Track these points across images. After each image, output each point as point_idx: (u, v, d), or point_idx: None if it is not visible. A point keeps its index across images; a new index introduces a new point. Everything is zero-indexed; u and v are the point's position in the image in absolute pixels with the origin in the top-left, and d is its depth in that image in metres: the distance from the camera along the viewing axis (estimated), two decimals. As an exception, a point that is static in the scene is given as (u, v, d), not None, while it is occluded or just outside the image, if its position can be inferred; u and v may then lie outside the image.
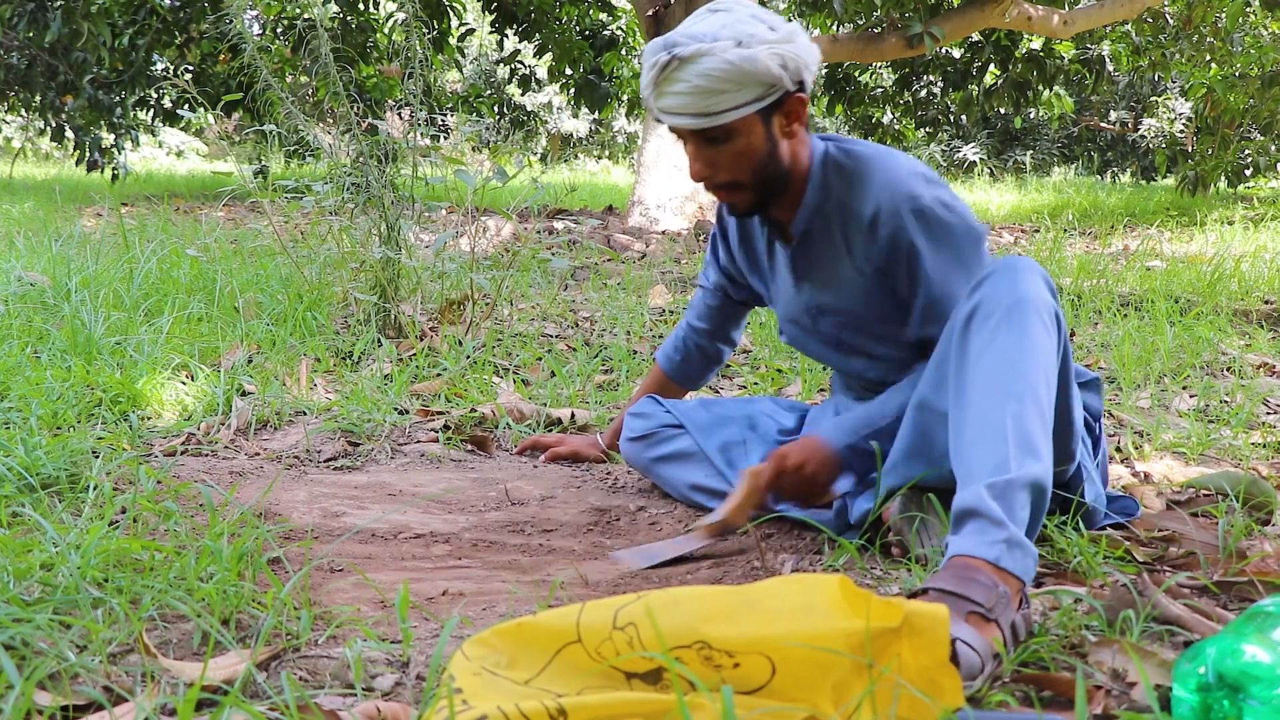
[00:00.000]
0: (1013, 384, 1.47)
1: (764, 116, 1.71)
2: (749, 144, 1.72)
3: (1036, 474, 1.42)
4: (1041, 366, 1.49)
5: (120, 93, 10.51)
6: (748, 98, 1.66)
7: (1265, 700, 1.04)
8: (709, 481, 2.01)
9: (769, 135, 1.73)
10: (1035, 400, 1.46)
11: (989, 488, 1.40)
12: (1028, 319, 1.51)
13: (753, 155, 1.73)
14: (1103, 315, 4.10)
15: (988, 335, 1.52)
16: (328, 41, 3.37)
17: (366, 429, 2.50)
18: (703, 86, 1.64)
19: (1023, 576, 1.35)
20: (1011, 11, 8.62)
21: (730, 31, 1.64)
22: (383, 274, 3.36)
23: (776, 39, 1.65)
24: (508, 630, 1.12)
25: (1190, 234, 7.96)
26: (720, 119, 1.67)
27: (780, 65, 1.65)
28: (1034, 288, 1.54)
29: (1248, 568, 1.58)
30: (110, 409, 2.46)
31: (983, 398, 1.48)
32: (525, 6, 10.48)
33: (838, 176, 1.80)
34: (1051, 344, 1.53)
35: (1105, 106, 19.90)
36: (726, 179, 1.76)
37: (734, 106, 1.67)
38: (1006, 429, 1.44)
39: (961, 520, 1.40)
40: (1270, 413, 2.74)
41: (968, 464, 1.46)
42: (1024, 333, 1.50)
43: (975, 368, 1.51)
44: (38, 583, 1.40)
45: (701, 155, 1.74)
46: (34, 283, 3.62)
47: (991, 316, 1.52)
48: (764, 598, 1.11)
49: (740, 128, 1.70)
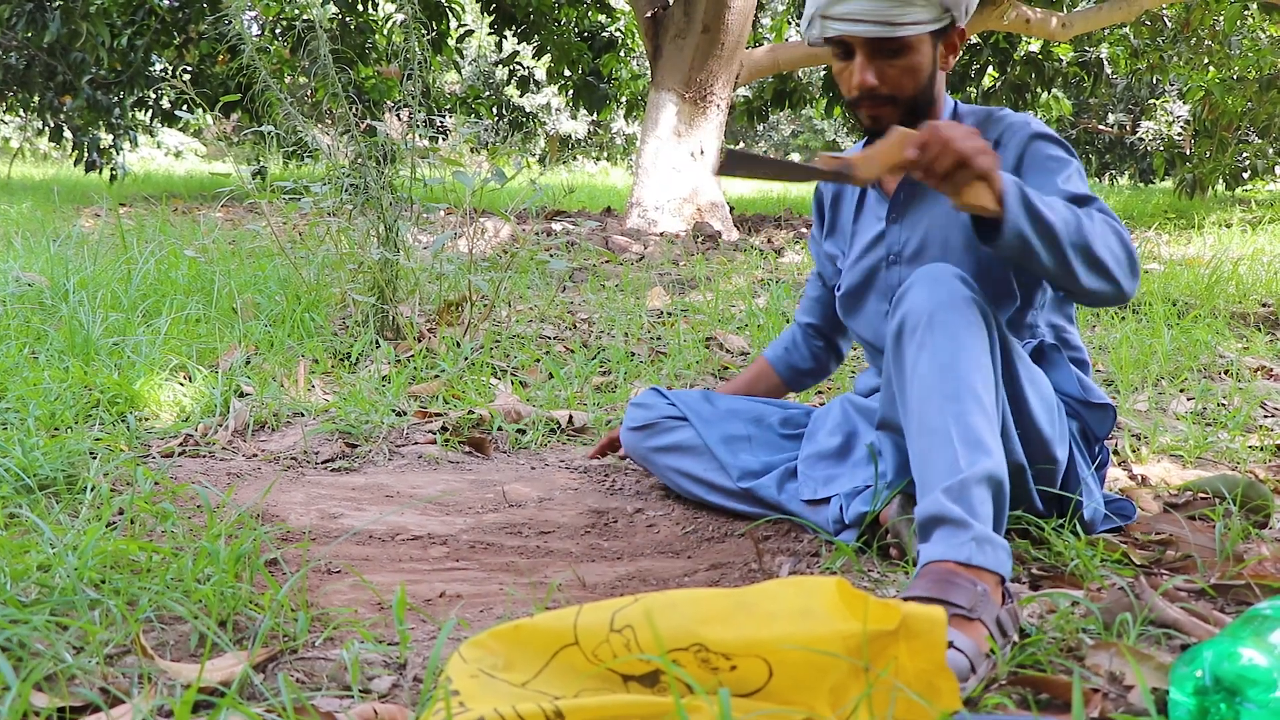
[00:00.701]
0: (948, 386, 1.49)
1: (935, 39, 1.77)
2: (918, 62, 1.76)
3: (988, 468, 1.43)
4: (975, 362, 1.51)
5: (119, 93, 10.51)
6: (930, 15, 1.72)
7: (1262, 704, 1.04)
8: (708, 475, 2.01)
9: (934, 59, 1.79)
10: (974, 397, 1.48)
11: (945, 491, 1.41)
12: (950, 320, 1.53)
13: (918, 74, 1.77)
14: (1100, 318, 4.11)
15: (916, 347, 1.54)
16: (326, 42, 3.37)
17: (364, 430, 2.49)
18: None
19: (998, 570, 1.36)
20: (1010, 14, 8.63)
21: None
22: (381, 275, 3.36)
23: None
24: (505, 632, 1.12)
25: (1188, 237, 7.97)
26: (902, 30, 1.71)
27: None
28: (950, 289, 1.55)
29: (1245, 571, 1.58)
30: (108, 410, 2.46)
31: (923, 408, 1.50)
32: (524, 8, 10.49)
33: (968, 116, 1.87)
34: (979, 338, 1.54)
35: (1103, 109, 19.91)
36: (888, 92, 1.77)
37: (915, 21, 1.71)
38: (950, 431, 1.46)
39: (927, 529, 1.42)
40: (1268, 416, 2.75)
41: (922, 473, 1.48)
42: (950, 334, 1.52)
43: (911, 381, 1.54)
44: (35, 584, 1.40)
45: (872, 66, 1.75)
46: (32, 283, 3.61)
47: (917, 329, 1.54)
48: (761, 600, 1.11)
49: (915, 44, 1.75)
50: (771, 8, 14.77)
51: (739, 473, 1.96)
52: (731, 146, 1.75)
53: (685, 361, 3.26)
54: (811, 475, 1.90)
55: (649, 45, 7.99)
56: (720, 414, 2.08)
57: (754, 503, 1.94)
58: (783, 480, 1.93)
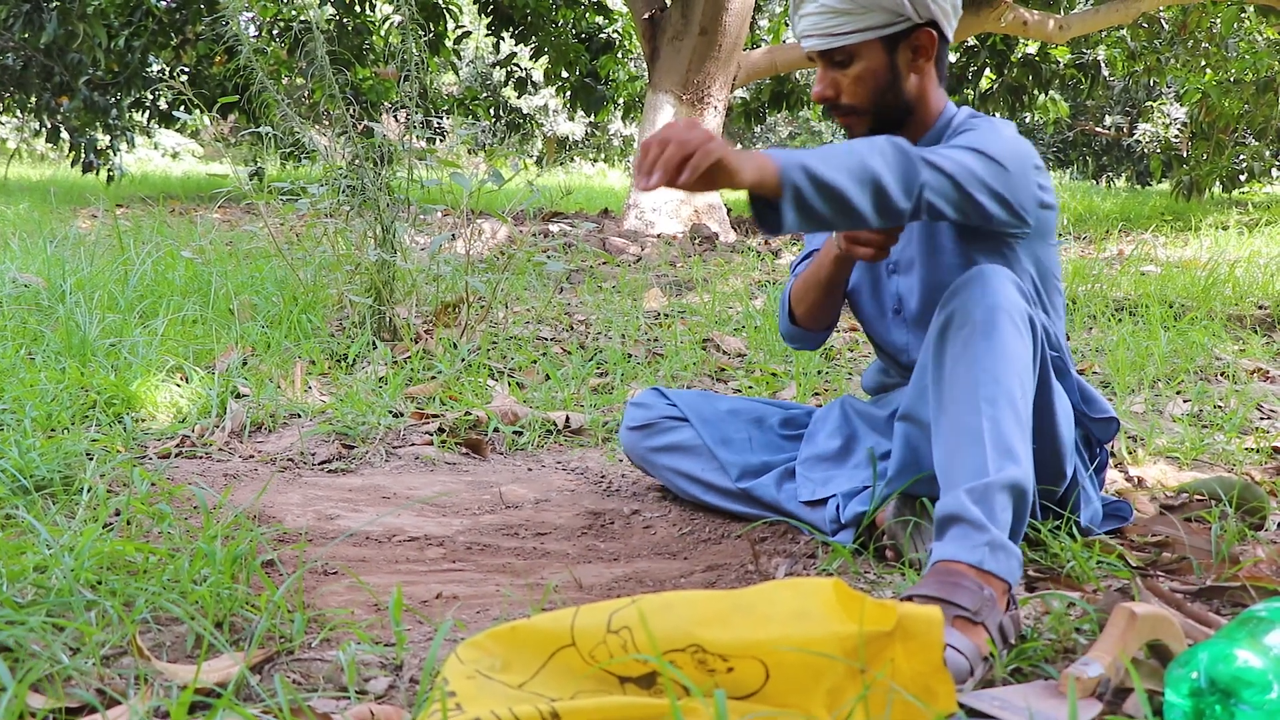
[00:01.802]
0: (988, 390, 1.48)
1: (888, 45, 1.73)
2: (869, 69, 1.74)
3: (1015, 476, 1.43)
4: (1016, 371, 1.50)
5: (116, 94, 10.50)
6: (871, 23, 1.70)
7: (1257, 705, 1.05)
8: (706, 475, 2.00)
9: (891, 65, 1.75)
10: (1011, 404, 1.48)
11: (969, 492, 1.41)
12: (1000, 325, 1.52)
13: (872, 81, 1.75)
14: (1097, 320, 4.11)
15: (961, 344, 1.53)
16: (323, 44, 3.37)
17: (361, 432, 2.49)
18: (830, 7, 1.70)
19: (1007, 578, 1.36)
20: (1007, 16, 8.64)
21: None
22: (378, 277, 3.36)
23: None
24: (502, 633, 1.12)
25: (1185, 239, 7.98)
26: (842, 40, 1.71)
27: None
28: (1005, 294, 1.54)
29: (1240, 573, 1.59)
30: (104, 411, 2.45)
31: (959, 405, 1.49)
32: (521, 9, 10.49)
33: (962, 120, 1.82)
34: (1025, 348, 1.53)
35: (1100, 111, 19.93)
36: (846, 102, 1.77)
37: (856, 29, 1.70)
38: (983, 434, 1.45)
39: (944, 526, 1.42)
40: (1264, 418, 2.75)
41: (948, 471, 1.47)
42: (997, 339, 1.51)
43: (951, 377, 1.53)
44: (31, 585, 1.40)
45: (825, 77, 1.77)
46: (29, 284, 3.61)
47: (965, 326, 1.53)
48: (758, 602, 1.11)
49: (862, 52, 1.73)
50: (769, 9, 14.77)
51: (738, 472, 1.97)
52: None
53: (682, 363, 3.26)
54: (810, 477, 1.90)
55: (646, 47, 8.00)
56: (720, 414, 2.08)
57: (752, 503, 1.94)
58: (781, 480, 1.93)
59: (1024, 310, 1.55)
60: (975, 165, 1.58)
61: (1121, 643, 1.20)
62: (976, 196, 1.58)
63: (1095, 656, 1.19)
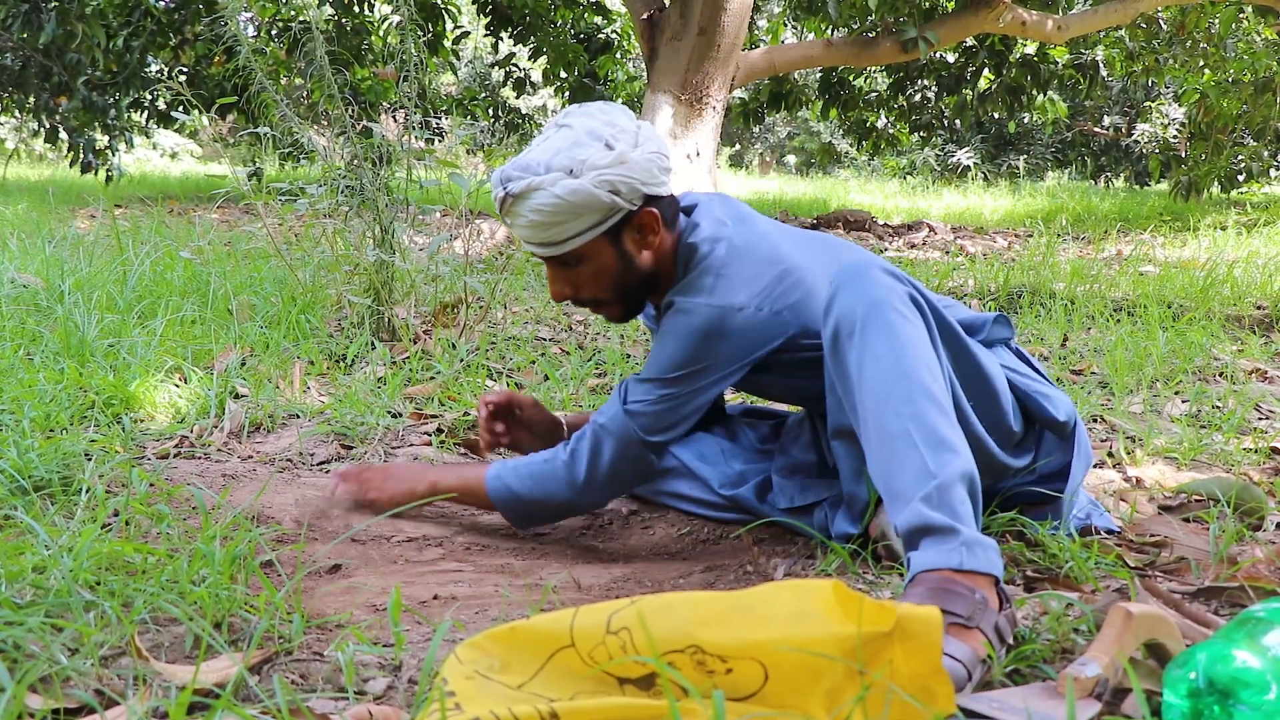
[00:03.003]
0: (899, 389, 1.46)
1: (612, 237, 1.72)
2: (600, 265, 1.74)
3: (960, 466, 1.42)
4: (919, 359, 1.49)
5: (115, 94, 10.49)
6: (586, 225, 1.68)
7: (1256, 706, 1.05)
8: (694, 492, 2.01)
9: (621, 253, 1.74)
10: (927, 395, 1.46)
11: (924, 500, 1.39)
12: (886, 318, 1.50)
13: (607, 274, 1.76)
14: (1096, 320, 4.11)
15: (856, 351, 1.51)
16: (322, 44, 3.37)
17: (360, 432, 2.49)
18: (538, 221, 1.66)
19: (991, 571, 1.34)
20: (1006, 16, 8.65)
21: (563, 159, 1.64)
22: (376, 277, 3.35)
23: (607, 163, 1.64)
24: (501, 634, 1.12)
25: (1183, 239, 7.98)
26: (564, 247, 1.70)
27: (610, 191, 1.65)
28: (879, 285, 1.53)
29: (1239, 573, 1.59)
30: (103, 411, 2.45)
31: (877, 413, 1.47)
32: (520, 10, 10.49)
33: (682, 268, 1.80)
34: (918, 331, 1.52)
35: (1099, 111, 19.94)
36: (588, 296, 1.79)
37: (574, 235, 1.68)
38: (911, 435, 1.43)
39: (914, 539, 1.39)
40: (1262, 418, 2.75)
41: (890, 483, 1.44)
42: (888, 333, 1.49)
43: (859, 386, 1.51)
44: (30, 585, 1.39)
45: (560, 277, 1.77)
46: (27, 284, 3.61)
47: (853, 332, 1.52)
48: (757, 603, 1.11)
49: (588, 252, 1.72)
50: (767, 10, 14.78)
51: (719, 481, 1.97)
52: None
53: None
54: (787, 484, 1.90)
55: (645, 47, 8.00)
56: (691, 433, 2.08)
57: (742, 510, 1.94)
58: (761, 490, 1.93)
59: (903, 293, 1.54)
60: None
61: (1119, 643, 1.20)
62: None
63: (1093, 657, 1.19)
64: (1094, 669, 1.17)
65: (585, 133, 1.67)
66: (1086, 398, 2.82)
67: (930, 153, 20.37)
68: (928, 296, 1.58)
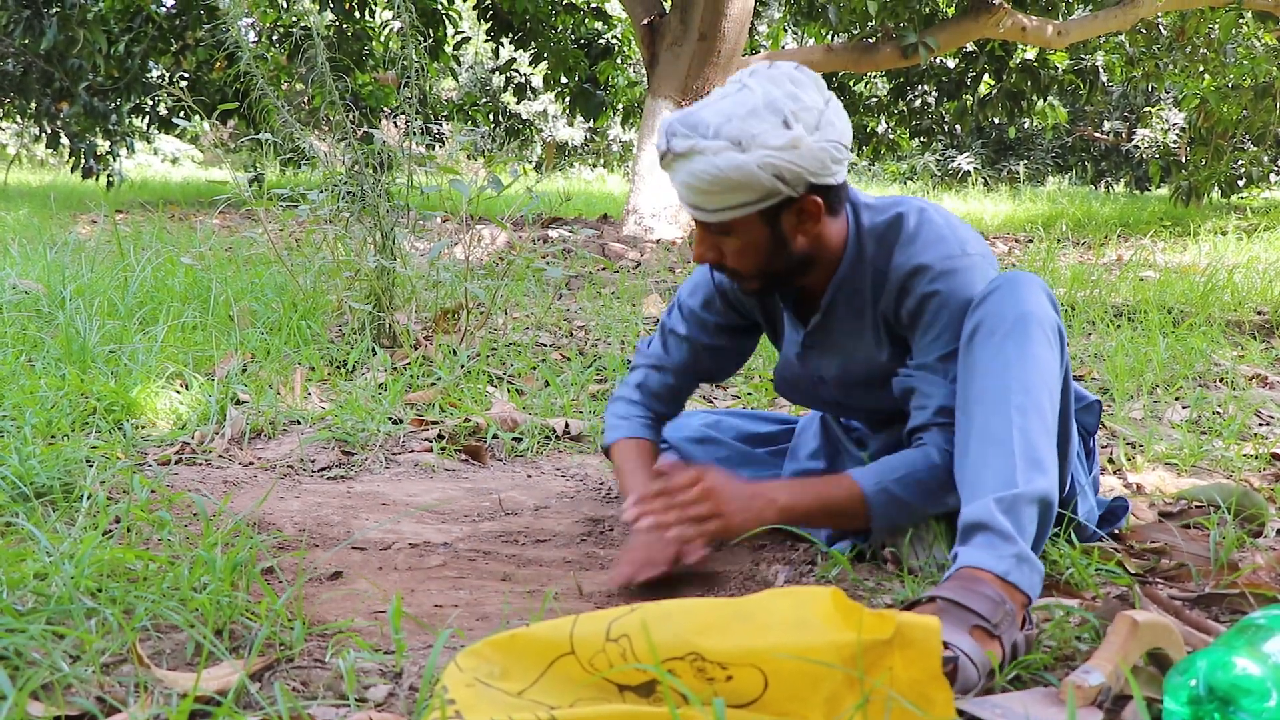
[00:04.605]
0: (1018, 398, 1.47)
1: (768, 218, 1.61)
2: (750, 241, 1.63)
3: (1043, 489, 1.42)
4: (1045, 381, 1.49)
5: (116, 100, 10.51)
6: (742, 200, 1.57)
7: (1256, 713, 1.05)
8: None
9: (775, 234, 1.63)
10: (1040, 414, 1.47)
11: (997, 502, 1.40)
12: (1031, 333, 1.50)
13: (755, 253, 1.65)
14: (1096, 326, 4.11)
15: (992, 350, 1.51)
16: (323, 49, 3.38)
17: (360, 438, 2.50)
18: (694, 185, 1.57)
19: (1029, 592, 1.35)
20: (1006, 22, 8.66)
21: (734, 128, 1.53)
22: (377, 283, 3.36)
23: (778, 145, 1.52)
24: (501, 641, 1.12)
25: (1184, 244, 7.98)
26: (715, 216, 1.60)
27: (774, 175, 1.54)
28: (1037, 303, 1.53)
29: (1239, 580, 1.59)
30: (104, 418, 2.45)
31: (988, 412, 1.48)
32: (521, 15, 10.50)
33: (875, 244, 1.70)
34: (1054, 359, 1.53)
35: (1099, 117, 19.96)
36: (731, 266, 1.69)
37: (727, 207, 1.58)
38: (1013, 443, 1.44)
39: (970, 533, 1.40)
40: (1262, 424, 2.75)
41: (974, 477, 1.46)
42: (1027, 347, 1.50)
43: (980, 382, 1.51)
44: (31, 592, 1.40)
45: (706, 240, 1.68)
46: (28, 290, 3.61)
47: (995, 332, 1.52)
48: (757, 610, 1.11)
49: (739, 226, 1.61)
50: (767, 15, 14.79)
51: None
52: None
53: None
54: None
55: (646, 53, 8.01)
56: (699, 435, 2.08)
57: None
58: None
59: (1054, 321, 1.54)
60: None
61: (1122, 651, 1.20)
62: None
63: (1096, 664, 1.19)
64: (1097, 677, 1.17)
65: (765, 103, 1.54)
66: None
67: (930, 158, 20.38)
68: (1065, 341, 1.58)
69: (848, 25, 9.64)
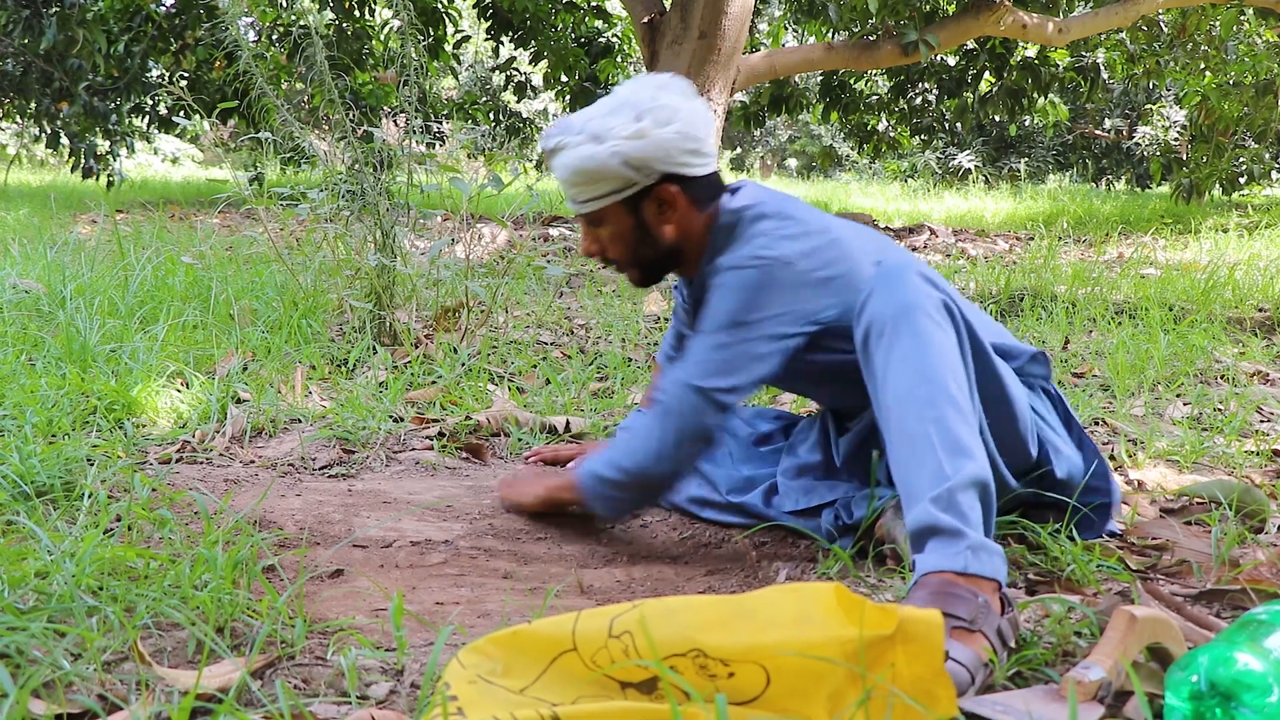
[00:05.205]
0: (923, 391, 1.47)
1: (630, 206, 1.80)
2: (619, 231, 1.83)
3: (973, 472, 1.42)
4: (945, 364, 1.50)
5: (116, 99, 10.50)
6: (604, 190, 1.77)
7: (1257, 709, 1.05)
8: (702, 492, 2.01)
9: (639, 223, 1.82)
10: (949, 400, 1.47)
11: (934, 501, 1.40)
12: (917, 323, 1.52)
13: (623, 240, 1.84)
14: (1097, 323, 4.11)
15: (884, 352, 1.53)
16: (323, 48, 3.38)
17: (361, 437, 2.49)
18: (563, 178, 1.78)
19: (995, 576, 1.34)
20: (1006, 19, 8.65)
21: (595, 125, 1.73)
22: (378, 281, 3.36)
23: (626, 136, 1.71)
24: (503, 638, 1.12)
25: (1185, 241, 7.98)
26: (586, 207, 1.81)
27: (623, 163, 1.73)
28: (914, 290, 1.54)
29: (1240, 576, 1.59)
30: (105, 416, 2.45)
31: (901, 414, 1.49)
32: (521, 14, 10.50)
33: (718, 242, 1.83)
34: (948, 338, 1.53)
35: (1100, 114, 19.95)
36: (611, 257, 1.88)
37: (593, 198, 1.79)
38: (931, 438, 1.44)
39: (920, 540, 1.40)
40: (1264, 420, 2.75)
41: (907, 483, 1.46)
42: (917, 337, 1.51)
43: (884, 387, 1.52)
44: (32, 591, 1.40)
45: (587, 233, 1.88)
46: (29, 290, 3.61)
47: (884, 334, 1.53)
48: (759, 607, 1.11)
49: (606, 215, 1.82)
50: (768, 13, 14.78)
51: (726, 486, 1.97)
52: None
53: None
54: (792, 486, 1.90)
55: (646, 51, 8.00)
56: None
57: (746, 515, 1.94)
58: (768, 496, 1.93)
59: (938, 300, 1.55)
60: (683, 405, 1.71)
61: (1122, 646, 1.20)
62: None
63: (1096, 660, 1.19)
64: (1097, 672, 1.17)
65: (624, 103, 1.75)
66: (1088, 401, 2.82)
67: (931, 156, 20.37)
68: (962, 309, 1.59)
69: (848, 23, 9.64)
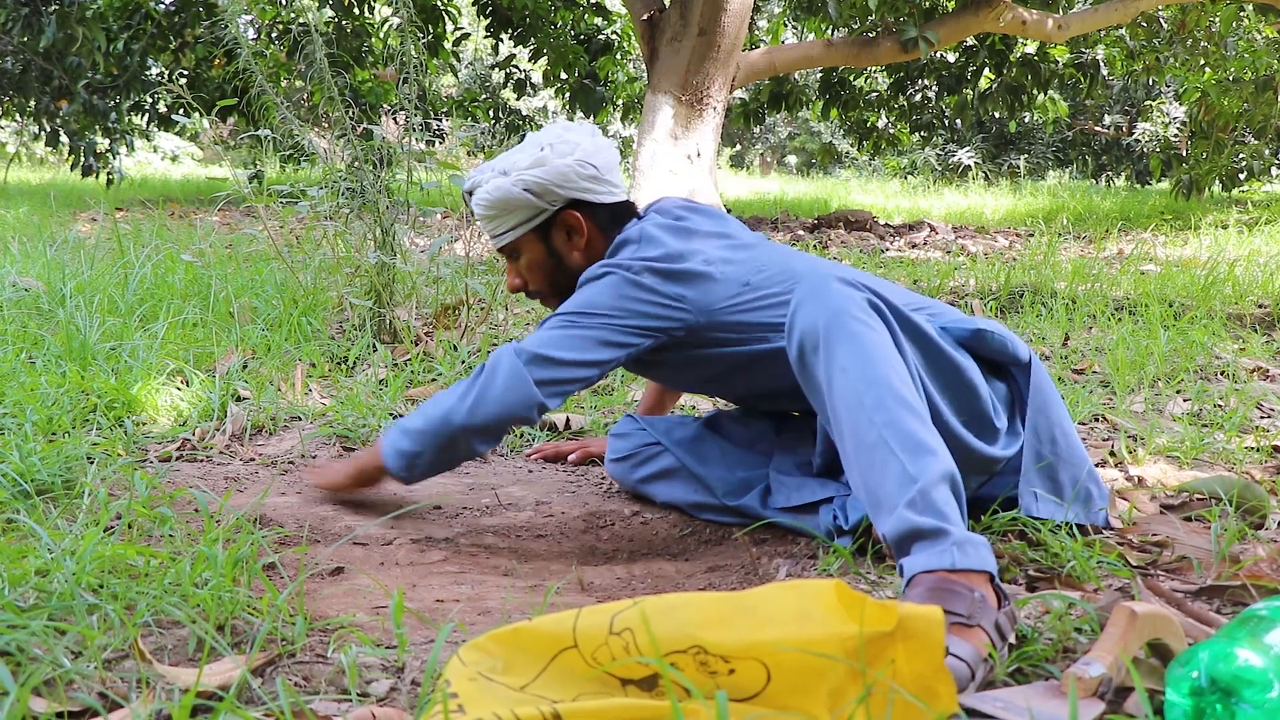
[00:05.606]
0: (869, 397, 1.46)
1: (540, 234, 1.93)
2: (534, 260, 1.96)
3: (940, 467, 1.41)
4: (886, 363, 1.49)
5: (115, 97, 10.50)
6: (515, 221, 1.91)
7: (1258, 704, 1.05)
8: (696, 496, 2.00)
9: (550, 250, 1.95)
10: (897, 399, 1.46)
11: (909, 506, 1.38)
12: (848, 327, 1.51)
13: (539, 268, 1.97)
14: (1097, 319, 4.11)
15: (822, 364, 1.53)
16: (322, 46, 3.37)
17: (361, 434, 2.50)
18: (481, 214, 1.93)
19: (985, 568, 1.33)
20: (1006, 16, 8.65)
21: (503, 163, 1.89)
22: (378, 279, 3.36)
23: (527, 166, 1.86)
24: (504, 635, 1.12)
25: (1184, 238, 7.98)
26: (502, 239, 1.94)
27: (525, 191, 1.87)
28: (837, 294, 1.55)
29: (1240, 572, 1.59)
30: (105, 415, 2.45)
31: (852, 424, 1.48)
32: (520, 11, 10.50)
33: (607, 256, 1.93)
34: (881, 336, 1.53)
35: (1100, 110, 19.95)
36: (532, 288, 2.00)
37: (508, 229, 1.92)
38: (889, 442, 1.43)
39: (904, 545, 1.39)
40: (1264, 416, 2.75)
41: (874, 492, 1.44)
42: (852, 342, 1.50)
43: (830, 398, 1.51)
44: (33, 589, 1.40)
45: (510, 269, 2.01)
46: (29, 288, 3.61)
47: (817, 346, 1.53)
48: (760, 603, 1.11)
49: (521, 246, 1.95)
50: (767, 10, 14.78)
51: (722, 490, 1.97)
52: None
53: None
54: (785, 483, 1.90)
55: (645, 48, 8.00)
56: (694, 434, 2.09)
57: (744, 516, 1.94)
58: (764, 496, 1.93)
59: (861, 300, 1.55)
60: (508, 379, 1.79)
61: (1122, 642, 1.20)
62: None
63: (1096, 656, 1.19)
64: (1098, 668, 1.17)
65: (532, 140, 1.92)
66: (1088, 397, 2.82)
67: (931, 152, 20.38)
68: (889, 299, 1.59)
69: (848, 19, 9.64)
